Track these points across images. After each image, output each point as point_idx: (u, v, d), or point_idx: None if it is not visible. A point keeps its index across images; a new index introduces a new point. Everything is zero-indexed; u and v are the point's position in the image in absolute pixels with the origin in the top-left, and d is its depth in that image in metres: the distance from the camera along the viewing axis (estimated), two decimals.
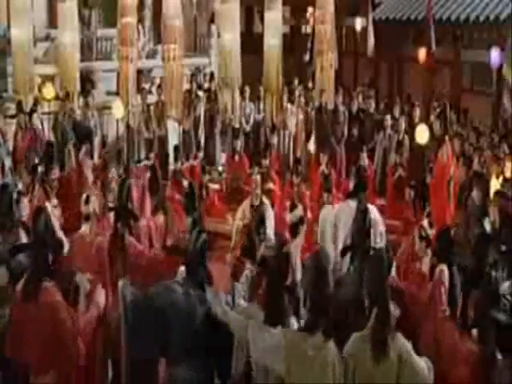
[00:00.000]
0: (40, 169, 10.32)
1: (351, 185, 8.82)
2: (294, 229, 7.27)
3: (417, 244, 7.16)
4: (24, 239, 6.81)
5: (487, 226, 8.22)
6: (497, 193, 9.25)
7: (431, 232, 7.95)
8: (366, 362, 4.56)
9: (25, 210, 7.68)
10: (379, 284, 4.70)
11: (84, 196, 8.35)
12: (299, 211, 7.91)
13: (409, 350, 4.60)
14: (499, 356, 5.03)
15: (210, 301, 5.27)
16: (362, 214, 7.14)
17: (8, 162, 11.56)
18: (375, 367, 4.54)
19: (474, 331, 5.20)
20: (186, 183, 11.13)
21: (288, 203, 9.18)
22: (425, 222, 8.30)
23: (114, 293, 6.65)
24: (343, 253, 6.53)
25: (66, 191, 10.26)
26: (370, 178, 12.12)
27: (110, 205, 8.60)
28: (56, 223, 7.75)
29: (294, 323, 5.02)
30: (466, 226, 8.85)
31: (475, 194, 9.39)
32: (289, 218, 7.88)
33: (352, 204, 7.87)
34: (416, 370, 4.58)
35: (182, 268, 5.64)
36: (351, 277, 5.94)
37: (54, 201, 9.49)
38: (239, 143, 13.24)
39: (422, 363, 4.66)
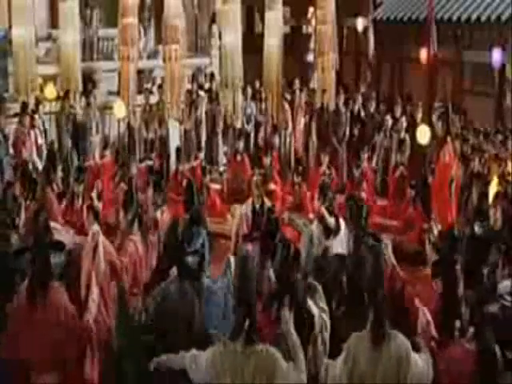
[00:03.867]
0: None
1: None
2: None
3: (427, 250, 7.18)
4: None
5: (477, 229, 8.20)
6: (498, 194, 9.25)
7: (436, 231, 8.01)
8: (366, 362, 4.54)
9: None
10: (376, 282, 4.68)
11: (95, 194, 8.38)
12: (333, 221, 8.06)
13: (408, 350, 4.59)
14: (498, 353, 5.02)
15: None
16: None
17: (6, 160, 11.58)
18: (375, 367, 4.53)
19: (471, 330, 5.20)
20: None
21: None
22: (433, 226, 8.35)
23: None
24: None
25: None
26: (369, 179, 12.15)
27: None
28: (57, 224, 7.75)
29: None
30: (465, 227, 8.85)
31: (474, 194, 9.40)
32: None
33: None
34: (415, 370, 4.58)
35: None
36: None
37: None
38: (240, 143, 13.24)
39: (420, 362, 4.65)
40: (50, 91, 13.64)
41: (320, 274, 5.83)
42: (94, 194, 9.73)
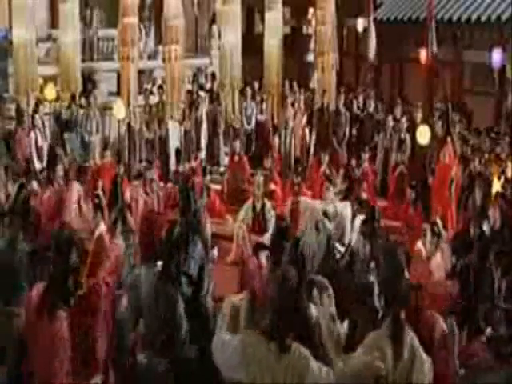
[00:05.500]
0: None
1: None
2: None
3: (428, 237, 7.17)
4: None
5: (485, 227, 8.21)
6: (497, 194, 9.26)
7: (444, 233, 8.04)
8: (386, 360, 4.55)
9: None
10: (395, 283, 4.69)
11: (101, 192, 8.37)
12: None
13: (417, 343, 4.63)
14: None
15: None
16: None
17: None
18: (394, 363, 4.54)
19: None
20: None
21: None
22: (438, 220, 8.36)
23: None
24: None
25: None
26: (369, 179, 12.15)
27: None
28: None
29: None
30: (467, 227, 8.85)
31: (477, 194, 9.40)
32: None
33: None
34: (423, 363, 4.60)
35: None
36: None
37: None
38: (238, 144, 13.25)
39: (425, 356, 4.69)
40: (50, 92, 13.64)
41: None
42: (100, 192, 9.62)
